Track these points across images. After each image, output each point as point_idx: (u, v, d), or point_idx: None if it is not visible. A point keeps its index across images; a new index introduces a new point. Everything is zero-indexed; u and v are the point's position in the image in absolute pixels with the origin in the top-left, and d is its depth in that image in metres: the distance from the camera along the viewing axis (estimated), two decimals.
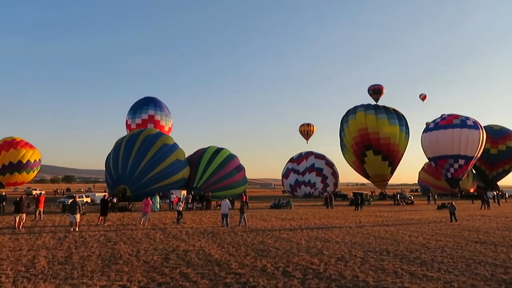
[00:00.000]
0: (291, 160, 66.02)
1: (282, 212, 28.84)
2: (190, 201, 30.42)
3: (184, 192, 36.83)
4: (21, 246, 12.59)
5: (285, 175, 65.25)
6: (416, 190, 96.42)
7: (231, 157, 45.52)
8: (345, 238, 15.49)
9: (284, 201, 34.68)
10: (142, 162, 38.11)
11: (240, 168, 45.68)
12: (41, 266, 9.70)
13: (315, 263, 10.45)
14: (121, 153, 39.67)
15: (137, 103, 55.36)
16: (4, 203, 25.80)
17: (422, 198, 55.39)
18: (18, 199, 17.72)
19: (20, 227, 17.07)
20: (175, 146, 42.14)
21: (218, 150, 45.61)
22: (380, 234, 16.67)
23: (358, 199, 33.69)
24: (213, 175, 42.36)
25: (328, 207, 34.27)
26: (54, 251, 11.72)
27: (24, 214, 17.74)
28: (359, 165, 58.08)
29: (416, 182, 77.36)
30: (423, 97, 74.49)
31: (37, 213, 21.17)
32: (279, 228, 18.81)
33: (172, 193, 33.40)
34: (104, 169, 43.28)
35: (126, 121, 55.28)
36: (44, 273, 9.02)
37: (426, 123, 63.28)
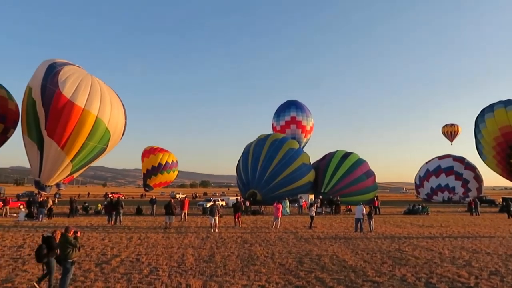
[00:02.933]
0: (427, 163, 60.96)
1: (418, 218, 26.82)
2: (319, 205, 30.39)
3: (311, 197, 37.02)
4: (172, 244, 14.12)
5: (420, 183, 60.40)
6: None
7: (360, 162, 44.11)
8: (498, 249, 13.65)
9: (420, 207, 32.17)
10: (270, 167, 39.50)
11: (369, 174, 43.93)
12: (190, 263, 10.72)
13: (463, 276, 9.44)
14: (250, 158, 41.79)
15: (280, 107, 59.57)
16: (155, 205, 29.38)
17: None
18: (167, 203, 19.96)
19: (170, 227, 19.17)
20: (300, 150, 42.74)
21: (347, 155, 44.70)
22: None
23: (509, 205, 29.39)
24: (341, 180, 41.65)
25: (473, 214, 30.72)
26: (199, 250, 12.86)
27: (173, 216, 19.89)
28: (505, 168, 50.37)
29: None
30: None
31: (182, 215, 23.54)
32: (416, 235, 17.52)
33: (300, 197, 33.91)
34: (235, 174, 46.12)
35: (272, 124, 59.39)
36: (192, 270, 9.95)
37: None
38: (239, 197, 36.87)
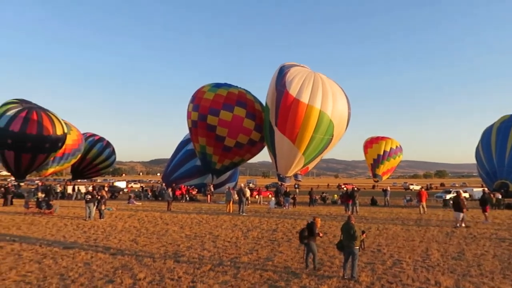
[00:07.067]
0: None
1: None
2: None
3: None
4: (413, 237, 13.51)
5: None
6: None
7: None
8: None
9: None
10: None
11: None
12: (436, 259, 10.02)
13: None
14: (493, 144, 35.75)
15: None
16: (387, 197, 28.85)
17: None
18: (455, 199, 17.79)
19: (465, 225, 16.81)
20: None
21: None
22: None
23: None
24: None
25: None
26: (445, 246, 11.86)
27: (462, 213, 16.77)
28: None
29: None
30: None
31: (420, 207, 22.14)
32: None
33: None
34: (475, 162, 40.40)
35: None
36: (440, 266, 9.27)
37: None
38: (485, 189, 32.21)
